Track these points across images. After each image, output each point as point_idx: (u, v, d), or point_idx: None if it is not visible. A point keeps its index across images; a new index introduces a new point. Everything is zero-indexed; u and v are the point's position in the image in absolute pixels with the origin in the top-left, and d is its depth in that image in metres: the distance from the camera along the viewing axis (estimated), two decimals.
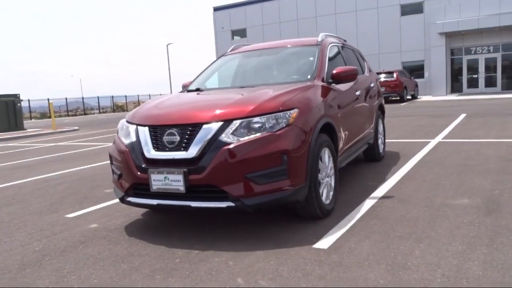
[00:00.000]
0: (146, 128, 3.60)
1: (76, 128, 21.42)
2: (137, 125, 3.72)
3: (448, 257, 2.87)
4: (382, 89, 23.78)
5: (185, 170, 3.30)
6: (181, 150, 3.38)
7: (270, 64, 4.95)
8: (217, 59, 5.40)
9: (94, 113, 51.86)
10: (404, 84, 23.58)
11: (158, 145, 3.49)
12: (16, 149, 13.26)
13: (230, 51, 5.49)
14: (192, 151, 3.32)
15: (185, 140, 3.39)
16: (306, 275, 2.75)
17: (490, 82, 28.13)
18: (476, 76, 28.46)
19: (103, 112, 52.24)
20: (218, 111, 3.42)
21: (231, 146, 3.24)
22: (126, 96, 57.21)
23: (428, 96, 27.69)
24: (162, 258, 3.20)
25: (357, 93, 5.22)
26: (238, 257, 3.11)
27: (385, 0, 30.27)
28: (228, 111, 3.42)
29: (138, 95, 57.52)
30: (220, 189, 3.27)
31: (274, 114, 3.39)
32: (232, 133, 3.30)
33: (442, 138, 8.55)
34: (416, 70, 29.96)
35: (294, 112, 3.45)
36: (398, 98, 23.44)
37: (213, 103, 3.69)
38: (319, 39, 5.00)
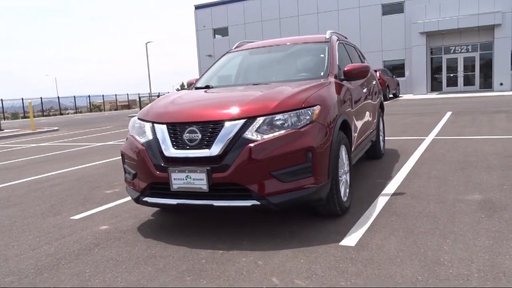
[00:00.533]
0: (164, 126, 3.50)
1: (56, 128, 20.93)
2: (153, 122, 3.61)
3: (478, 252, 2.88)
4: None
5: (208, 168, 3.22)
6: (203, 148, 3.30)
7: (280, 61, 4.90)
8: (222, 56, 5.32)
9: (68, 113, 50.77)
10: (387, 82, 23.86)
11: (177, 143, 3.40)
12: None
13: (235, 48, 5.42)
14: (216, 149, 3.24)
15: (206, 138, 3.31)
16: (341, 272, 2.72)
17: (468, 81, 28.76)
18: (455, 75, 29.06)
19: (79, 112, 51.22)
20: (240, 108, 3.35)
21: (256, 143, 3.18)
22: (103, 95, 56.32)
23: (409, 95, 28.13)
24: (187, 259, 3.12)
25: (364, 90, 5.22)
26: (265, 257, 3.06)
27: None
28: (251, 108, 3.35)
29: (115, 95, 56.70)
30: (245, 188, 3.21)
31: (297, 111, 3.34)
32: (256, 130, 3.24)
33: (435, 136, 8.66)
34: (397, 69, 30.40)
35: (316, 109, 3.41)
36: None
37: (234, 99, 3.62)
38: (327, 36, 4.98)
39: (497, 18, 25.58)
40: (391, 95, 25.91)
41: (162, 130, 3.49)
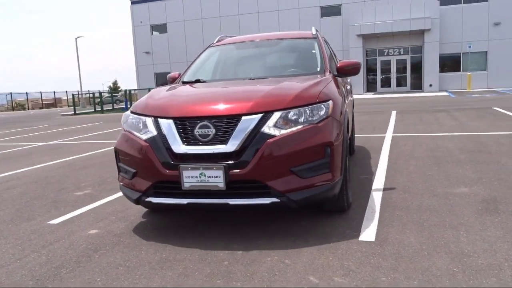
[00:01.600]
0: (171, 121, 3.27)
1: None
2: (156, 117, 3.37)
3: (496, 242, 2.99)
4: None
5: (225, 165, 3.05)
6: (217, 144, 3.12)
7: (271, 56, 4.80)
8: (204, 50, 5.11)
9: None
10: None
11: (187, 139, 3.19)
12: None
13: (217, 42, 5.24)
14: (232, 145, 3.08)
15: (221, 133, 3.14)
16: (376, 268, 2.69)
17: (400, 82, 30.40)
18: (388, 76, 30.60)
19: None
20: (256, 103, 3.22)
21: (276, 138, 3.07)
22: (27, 93, 52.62)
23: None
24: (207, 262, 2.93)
25: (348, 87, 5.28)
26: (290, 255, 2.96)
27: (306, 1, 31.28)
28: (267, 102, 3.23)
29: (41, 92, 53.22)
30: (263, 185, 3.08)
31: (313, 106, 3.27)
32: (274, 125, 3.13)
33: (393, 133, 9.01)
34: None
35: (331, 104, 3.36)
36: None
37: (245, 94, 3.47)
38: (313, 32, 4.96)
39: (427, 23, 27.28)
40: None
41: (168, 125, 3.26)
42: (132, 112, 3.67)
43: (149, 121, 3.39)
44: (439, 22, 27.68)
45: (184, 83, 4.48)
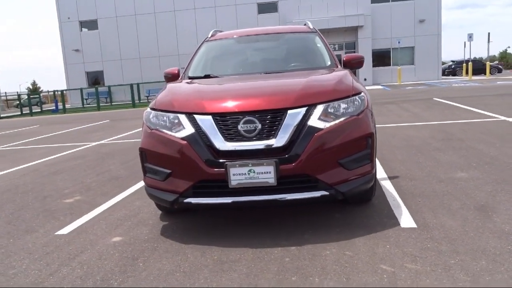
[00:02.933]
0: (210, 117, 3.14)
1: None
2: (190, 113, 3.21)
3: None
4: None
5: (276, 160, 2.99)
6: (263, 139, 3.05)
7: (277, 50, 4.75)
8: (201, 45, 4.93)
9: None
10: None
11: (230, 135, 3.08)
12: None
13: (211, 36, 5.08)
14: (281, 139, 3.03)
15: (267, 128, 3.07)
16: (438, 252, 2.79)
17: None
18: None
19: None
20: (300, 96, 3.18)
21: (324, 131, 3.06)
22: None
23: None
24: (266, 260, 2.87)
25: None
26: (347, 247, 2.98)
27: None
28: (309, 95, 3.21)
29: None
30: (313, 178, 3.07)
31: (350, 98, 3.30)
32: (319, 118, 3.12)
33: None
34: None
35: (364, 96, 3.42)
36: None
37: (285, 88, 3.41)
38: (311, 26, 5.00)
39: (360, 20, 28.55)
40: None
41: (208, 122, 3.13)
42: (154, 109, 3.47)
43: (183, 118, 3.23)
44: (371, 19, 29.08)
45: (191, 78, 4.31)
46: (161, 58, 32.74)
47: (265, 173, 3.01)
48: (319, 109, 3.15)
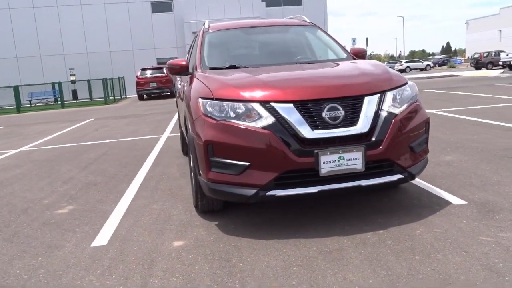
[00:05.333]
0: (291, 105, 3.05)
1: None
2: (265, 102, 3.07)
3: None
4: (154, 85, 23.87)
5: (364, 146, 3.03)
6: (347, 126, 3.07)
7: (290, 42, 4.71)
8: (203, 36, 4.61)
9: None
10: (173, 80, 24.30)
11: (314, 123, 3.03)
12: None
13: (209, 28, 4.83)
14: (364, 125, 3.08)
15: (349, 114, 3.09)
16: (488, 236, 3.06)
17: None
18: None
19: None
20: (372, 83, 3.28)
21: (400, 117, 3.20)
22: None
23: None
24: (370, 244, 2.90)
25: None
26: (429, 226, 3.14)
27: None
28: (379, 83, 3.31)
29: None
30: (392, 162, 3.18)
31: (406, 85, 3.48)
32: (392, 105, 3.24)
33: None
34: None
35: (413, 83, 3.62)
36: (169, 93, 24.01)
37: (353, 76, 3.43)
38: (308, 20, 5.10)
39: None
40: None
41: (290, 110, 3.03)
42: (211, 99, 3.23)
43: (257, 106, 3.07)
44: None
45: (212, 69, 4.08)
46: (43, 58, 29.87)
47: (354, 160, 3.03)
48: (389, 96, 3.27)
